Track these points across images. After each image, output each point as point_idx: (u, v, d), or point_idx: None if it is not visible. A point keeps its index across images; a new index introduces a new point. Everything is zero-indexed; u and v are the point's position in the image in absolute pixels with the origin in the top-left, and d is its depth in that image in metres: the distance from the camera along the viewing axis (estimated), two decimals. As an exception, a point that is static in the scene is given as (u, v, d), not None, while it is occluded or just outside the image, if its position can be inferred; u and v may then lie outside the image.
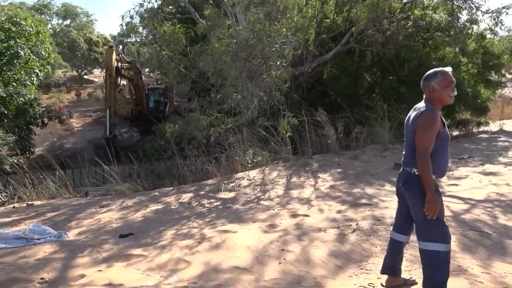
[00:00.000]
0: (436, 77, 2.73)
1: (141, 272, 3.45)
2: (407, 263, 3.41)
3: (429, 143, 2.65)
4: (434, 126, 2.66)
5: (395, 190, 5.95)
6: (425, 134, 2.66)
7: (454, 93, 2.75)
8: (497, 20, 10.97)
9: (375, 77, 13.03)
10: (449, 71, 2.77)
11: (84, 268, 3.55)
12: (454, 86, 2.75)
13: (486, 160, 7.74)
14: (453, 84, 2.75)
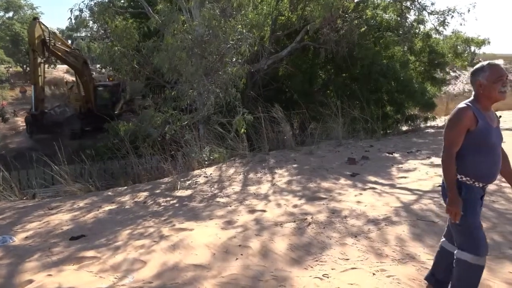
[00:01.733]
0: (483, 71, 2.48)
1: (94, 274, 3.33)
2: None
3: (452, 141, 2.47)
4: (460, 124, 2.44)
5: (349, 183, 6.16)
6: (449, 132, 2.49)
7: (505, 89, 2.46)
8: (442, 21, 11.56)
9: (329, 74, 13.35)
10: (499, 63, 2.50)
11: (33, 273, 3.37)
12: (506, 80, 2.45)
13: (433, 153, 8.14)
14: (505, 78, 2.45)
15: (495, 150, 2.51)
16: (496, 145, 2.51)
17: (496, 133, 2.51)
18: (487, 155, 2.48)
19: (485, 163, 2.48)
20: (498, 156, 2.53)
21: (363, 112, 11.34)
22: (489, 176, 2.52)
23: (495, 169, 2.53)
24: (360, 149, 8.89)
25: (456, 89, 28.06)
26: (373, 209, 4.79)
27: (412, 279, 3.06)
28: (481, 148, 2.47)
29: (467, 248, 2.49)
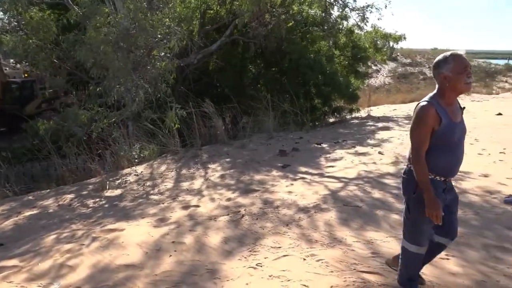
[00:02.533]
0: (447, 63, 2.36)
1: (16, 284, 3.11)
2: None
3: (420, 143, 2.40)
4: (424, 125, 2.37)
5: (281, 174, 6.34)
6: (415, 134, 2.42)
7: (471, 80, 2.36)
8: (362, 17, 12.26)
9: (259, 68, 13.54)
10: (462, 53, 2.38)
11: None
12: (470, 70, 2.36)
13: (357, 143, 8.62)
14: (469, 69, 2.35)
15: (459, 145, 2.47)
16: (460, 141, 2.47)
17: (460, 128, 2.45)
18: (450, 152, 2.43)
19: (448, 159, 2.44)
20: (462, 150, 2.50)
21: (293, 105, 11.68)
22: (451, 171, 2.50)
23: (458, 164, 2.51)
24: (290, 141, 9.16)
25: (377, 82, 29.88)
26: (303, 198, 4.98)
27: (340, 261, 3.25)
28: (444, 145, 2.41)
29: (411, 239, 2.60)
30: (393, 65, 34.18)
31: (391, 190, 5.13)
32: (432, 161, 2.43)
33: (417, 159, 2.41)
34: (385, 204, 4.62)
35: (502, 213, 4.28)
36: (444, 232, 2.65)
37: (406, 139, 8.76)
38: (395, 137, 9.07)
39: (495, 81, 27.54)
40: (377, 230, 3.89)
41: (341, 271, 3.09)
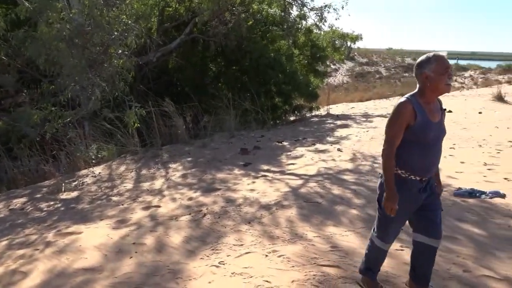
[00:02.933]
0: (429, 63, 2.40)
1: (-37, 293, 2.94)
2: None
3: (392, 138, 2.44)
4: (399, 120, 2.41)
5: (243, 173, 6.36)
6: (389, 128, 2.46)
7: (451, 81, 2.41)
8: (321, 17, 12.51)
9: (220, 67, 13.48)
10: (444, 55, 2.42)
11: None
12: (451, 72, 2.41)
13: (317, 140, 8.80)
14: (450, 71, 2.40)
15: (435, 145, 2.47)
16: (436, 140, 2.47)
17: (437, 128, 2.45)
18: (425, 150, 2.44)
19: (423, 157, 2.45)
20: (438, 150, 2.51)
21: (254, 103, 11.74)
22: (427, 170, 2.49)
23: (434, 163, 2.52)
24: (252, 139, 9.21)
25: (336, 81, 30.58)
26: (265, 195, 5.03)
27: (301, 256, 3.31)
28: (419, 143, 2.43)
29: (378, 234, 2.66)
30: (350, 64, 35.12)
31: (349, 186, 5.28)
32: (406, 158, 2.45)
33: (386, 152, 2.46)
34: (344, 199, 4.75)
35: (452, 205, 4.52)
36: (423, 229, 2.60)
37: (363, 136, 9.05)
38: (353, 135, 9.32)
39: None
40: (337, 225, 4.00)
41: (302, 265, 3.15)
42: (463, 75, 30.42)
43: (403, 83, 27.31)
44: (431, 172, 2.53)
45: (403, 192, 2.47)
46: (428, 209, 2.57)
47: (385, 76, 31.87)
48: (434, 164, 2.53)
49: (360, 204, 4.59)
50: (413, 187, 2.50)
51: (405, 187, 2.48)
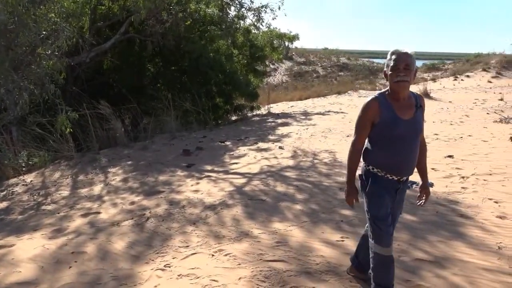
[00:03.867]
0: (387, 59, 2.37)
1: None
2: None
3: (357, 134, 2.47)
4: (364, 117, 2.42)
5: (186, 174, 6.28)
6: (356, 122, 2.49)
7: (400, 78, 2.31)
8: (258, 17, 12.67)
9: (158, 67, 13.19)
10: (402, 52, 2.32)
11: None
12: (402, 69, 2.30)
13: (259, 139, 8.92)
14: (401, 67, 2.30)
15: (404, 142, 2.40)
16: (405, 137, 2.40)
17: (408, 125, 2.38)
18: (391, 147, 2.40)
19: (388, 154, 2.41)
20: (408, 148, 2.42)
21: (195, 104, 11.63)
22: (397, 169, 2.44)
23: (405, 161, 2.43)
24: (194, 140, 9.12)
25: (276, 80, 31.12)
26: (209, 195, 5.01)
27: (247, 253, 3.35)
28: (386, 139, 2.41)
29: (373, 238, 2.47)
30: (289, 64, 35.88)
31: (292, 182, 5.42)
32: (374, 155, 2.47)
33: (351, 150, 2.52)
34: (287, 195, 4.87)
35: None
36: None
37: (303, 133, 9.31)
38: (293, 132, 9.57)
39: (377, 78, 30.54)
40: (281, 220, 4.09)
41: (248, 262, 3.19)
42: (393, 73, 32.31)
43: (339, 82, 28.46)
44: (404, 170, 2.45)
45: (373, 186, 2.47)
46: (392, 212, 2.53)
47: (322, 75, 32.96)
48: (406, 162, 2.43)
49: (302, 199, 4.73)
50: (389, 186, 2.47)
51: (375, 182, 2.47)
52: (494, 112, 11.06)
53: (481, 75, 23.75)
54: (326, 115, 12.80)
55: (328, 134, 9.00)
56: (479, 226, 3.86)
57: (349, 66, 35.62)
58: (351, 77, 30.69)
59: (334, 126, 10.12)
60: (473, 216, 4.05)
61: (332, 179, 5.50)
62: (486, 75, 23.57)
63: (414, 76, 2.37)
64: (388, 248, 2.43)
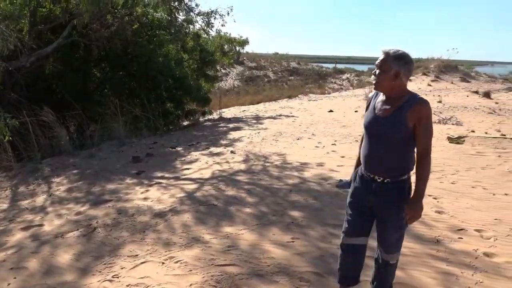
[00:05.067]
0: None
1: None
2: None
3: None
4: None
5: (135, 181, 6.13)
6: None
7: (373, 78, 2.34)
8: (208, 22, 12.65)
9: (105, 72, 12.77)
10: (382, 51, 2.32)
11: None
12: (376, 70, 2.32)
13: (211, 144, 8.89)
14: (376, 68, 2.32)
15: (373, 138, 2.38)
16: (374, 134, 2.37)
17: (380, 122, 2.33)
18: (365, 141, 2.43)
19: (363, 149, 2.45)
20: (375, 146, 2.36)
21: (145, 109, 11.37)
22: (364, 162, 2.43)
23: (369, 158, 2.40)
24: (144, 146, 8.92)
25: (227, 85, 31.12)
26: (159, 202, 4.93)
27: (198, 259, 3.33)
28: (364, 131, 2.46)
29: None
30: (240, 68, 36.03)
31: (243, 186, 5.45)
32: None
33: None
34: (238, 199, 4.89)
35: (336, 195, 4.95)
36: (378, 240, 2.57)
37: (255, 137, 9.39)
38: (245, 136, 9.62)
39: (326, 82, 31.43)
40: (232, 224, 4.10)
41: (200, 268, 3.17)
42: (341, 78, 33.37)
43: (290, 86, 28.97)
44: (369, 167, 2.40)
45: (351, 181, 2.57)
46: (381, 222, 2.45)
47: (273, 80, 33.39)
48: (369, 159, 2.39)
49: (253, 202, 4.77)
50: (355, 179, 2.52)
51: (353, 177, 2.56)
52: (433, 114, 11.74)
53: (422, 79, 25.13)
54: (277, 119, 12.99)
55: (279, 138, 9.14)
56: (419, 221, 4.08)
57: (299, 71, 36.34)
58: (301, 81, 31.32)
59: (285, 130, 10.29)
60: (414, 212, 4.28)
61: (283, 182, 5.59)
62: (426, 79, 24.97)
63: (395, 78, 2.26)
64: (347, 238, 2.57)
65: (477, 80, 26.55)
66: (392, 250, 2.45)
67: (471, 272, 3.03)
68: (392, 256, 2.47)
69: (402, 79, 2.26)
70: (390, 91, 2.31)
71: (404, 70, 2.25)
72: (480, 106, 13.71)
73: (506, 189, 5.06)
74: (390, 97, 2.33)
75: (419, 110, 2.23)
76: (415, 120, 2.23)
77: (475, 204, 4.56)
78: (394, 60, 2.24)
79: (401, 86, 2.29)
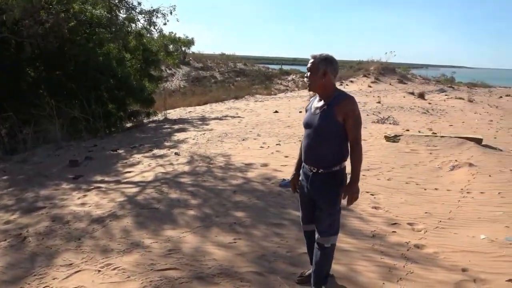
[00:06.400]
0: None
1: None
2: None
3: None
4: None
5: (72, 187, 5.84)
6: None
7: (306, 80, 2.60)
8: (150, 21, 12.33)
9: (39, 71, 12.04)
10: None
11: None
12: (307, 73, 2.58)
13: (154, 146, 8.67)
14: (307, 71, 2.59)
15: (308, 133, 2.62)
16: (308, 130, 2.63)
17: (311, 119, 2.60)
18: (303, 137, 2.69)
19: (302, 143, 2.71)
20: (308, 141, 2.61)
21: (84, 111, 10.88)
22: (303, 157, 2.70)
23: (304, 151, 2.66)
24: (83, 150, 8.52)
25: (173, 86, 30.56)
26: (98, 208, 4.72)
27: (137, 265, 3.22)
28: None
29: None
30: (187, 69, 35.52)
31: (187, 188, 5.37)
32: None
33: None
34: (181, 202, 4.81)
35: (278, 195, 5.02)
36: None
37: (200, 139, 9.29)
38: (190, 138, 9.49)
39: (272, 83, 31.82)
40: (174, 227, 4.02)
41: (138, 274, 3.07)
42: (287, 79, 33.96)
43: (237, 87, 29.02)
44: (306, 159, 2.66)
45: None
46: (317, 209, 2.68)
47: (220, 81, 33.26)
48: (306, 151, 2.65)
49: (197, 204, 4.71)
50: (301, 174, 2.78)
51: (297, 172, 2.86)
52: (372, 114, 12.28)
53: (363, 81, 26.21)
54: (224, 120, 12.95)
55: (225, 139, 9.11)
56: (357, 217, 4.24)
57: (246, 72, 36.50)
58: (248, 82, 31.48)
59: (230, 131, 10.28)
60: (353, 208, 4.43)
61: (227, 183, 5.58)
62: (367, 81, 26.08)
63: (323, 77, 2.52)
64: (305, 225, 2.91)
65: (413, 82, 28.17)
66: (325, 234, 2.65)
67: (403, 264, 3.19)
68: (326, 239, 2.65)
69: (330, 77, 2.54)
70: (321, 89, 2.58)
71: (330, 69, 2.53)
72: (415, 107, 14.56)
73: (436, 184, 5.40)
74: (322, 96, 2.61)
75: (345, 105, 2.51)
76: (343, 114, 2.50)
77: (408, 199, 4.82)
78: (321, 61, 2.54)
79: (330, 84, 2.56)
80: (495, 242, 3.54)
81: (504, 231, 3.81)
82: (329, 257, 2.72)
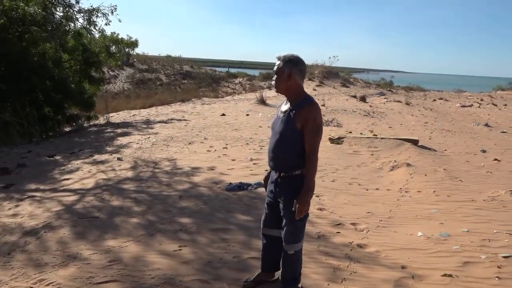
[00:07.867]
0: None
1: None
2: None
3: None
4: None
5: (2, 196, 5.42)
6: None
7: (273, 83, 2.52)
8: (89, 20, 11.79)
9: (-36, 72, 11.11)
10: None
11: None
12: (274, 75, 2.51)
13: (95, 151, 8.27)
14: (274, 73, 2.52)
15: (272, 136, 2.59)
16: (272, 132, 2.61)
17: (276, 122, 2.59)
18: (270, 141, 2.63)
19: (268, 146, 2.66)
20: (272, 142, 2.57)
21: (17, 115, 10.17)
22: (268, 160, 2.65)
23: (268, 154, 2.62)
24: (16, 156, 7.95)
25: (116, 88, 29.51)
26: (31, 218, 4.40)
27: (74, 279, 3.02)
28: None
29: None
30: (131, 71, 34.47)
31: (130, 195, 5.16)
32: None
33: None
34: (124, 209, 4.60)
35: (225, 199, 4.96)
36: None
37: (145, 143, 9.01)
38: (134, 142, 9.17)
39: (220, 86, 31.69)
40: (116, 237, 3.83)
41: (75, 289, 2.88)
42: (234, 82, 33.98)
43: (183, 90, 28.57)
44: (269, 162, 2.63)
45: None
46: (281, 214, 2.63)
47: (165, 83, 32.56)
48: (269, 155, 2.62)
49: (140, 211, 4.53)
50: (271, 173, 2.72)
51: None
52: (317, 116, 12.58)
53: (308, 84, 26.82)
54: (169, 123, 12.66)
55: (170, 143, 8.90)
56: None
57: (193, 74, 36.08)
58: (195, 85, 31.10)
59: (176, 134, 10.06)
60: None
61: (173, 188, 5.43)
62: (312, 84, 26.72)
63: (288, 79, 2.44)
64: (262, 229, 2.86)
65: (355, 85, 29.32)
66: (287, 241, 2.59)
67: (347, 264, 3.26)
68: (288, 247, 2.60)
69: (296, 78, 2.45)
70: (288, 92, 2.50)
71: (295, 70, 2.44)
72: (357, 109, 15.13)
73: (377, 184, 5.62)
74: (289, 99, 2.53)
75: (306, 112, 2.41)
76: (302, 121, 2.41)
77: (352, 200, 4.96)
78: (286, 63, 2.44)
79: (296, 87, 2.47)
80: (431, 239, 3.73)
81: (439, 227, 4.03)
82: (294, 263, 2.67)
